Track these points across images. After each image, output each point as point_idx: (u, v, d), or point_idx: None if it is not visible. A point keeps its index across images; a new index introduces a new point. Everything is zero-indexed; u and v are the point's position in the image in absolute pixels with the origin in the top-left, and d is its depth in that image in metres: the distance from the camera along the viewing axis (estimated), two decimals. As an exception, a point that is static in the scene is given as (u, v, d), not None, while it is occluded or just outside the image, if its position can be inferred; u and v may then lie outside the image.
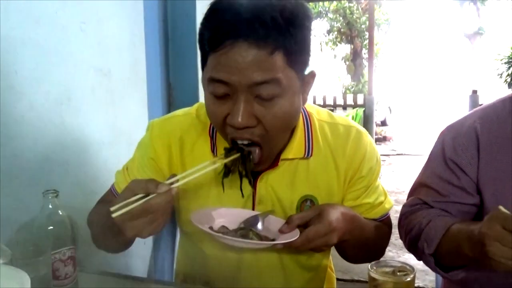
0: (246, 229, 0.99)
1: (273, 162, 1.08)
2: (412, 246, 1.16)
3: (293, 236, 0.95)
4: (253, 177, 1.08)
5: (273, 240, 0.98)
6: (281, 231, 0.99)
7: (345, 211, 1.03)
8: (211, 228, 0.98)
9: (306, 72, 0.98)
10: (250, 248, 1.01)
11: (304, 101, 1.01)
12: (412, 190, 1.25)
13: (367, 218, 1.16)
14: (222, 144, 1.05)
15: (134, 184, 0.89)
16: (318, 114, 1.16)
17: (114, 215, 0.84)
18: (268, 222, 1.04)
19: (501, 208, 0.86)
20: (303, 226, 0.99)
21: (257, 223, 1.02)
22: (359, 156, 1.12)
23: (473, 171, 1.13)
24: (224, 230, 0.99)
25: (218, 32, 0.88)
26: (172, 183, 0.88)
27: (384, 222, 1.21)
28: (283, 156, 1.06)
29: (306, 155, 1.10)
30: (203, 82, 0.97)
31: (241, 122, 0.90)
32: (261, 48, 0.86)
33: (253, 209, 1.10)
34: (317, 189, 1.11)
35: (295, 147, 1.08)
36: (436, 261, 1.10)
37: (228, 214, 1.04)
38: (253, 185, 1.09)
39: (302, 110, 1.11)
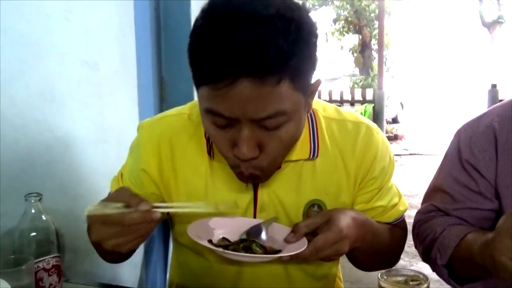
0: (249, 240, 0.98)
1: None
2: (426, 256, 1.17)
3: (301, 245, 0.95)
4: None
5: (279, 251, 0.98)
6: (287, 241, 0.98)
7: (356, 215, 1.03)
8: (210, 241, 0.97)
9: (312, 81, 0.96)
10: (254, 262, 1.01)
11: (309, 108, 0.99)
12: (426, 194, 1.26)
13: (380, 222, 1.17)
14: None
15: (118, 193, 0.92)
16: (324, 110, 1.15)
17: (86, 211, 0.86)
18: (272, 230, 1.03)
19: None
20: (311, 234, 0.98)
21: (260, 233, 1.01)
22: (371, 155, 1.11)
23: (491, 174, 1.13)
24: (225, 243, 0.99)
25: (215, 67, 0.82)
26: (158, 207, 0.89)
27: (399, 226, 1.21)
28: (286, 158, 1.04)
29: (311, 156, 1.09)
30: (198, 100, 0.93)
31: (247, 155, 0.89)
32: (266, 82, 0.82)
33: (254, 217, 1.10)
34: (325, 192, 1.11)
35: (299, 147, 1.08)
36: (451, 273, 1.10)
37: (227, 223, 1.03)
38: (254, 191, 1.10)
39: None
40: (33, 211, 1.04)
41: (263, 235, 1.01)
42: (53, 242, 1.06)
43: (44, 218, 1.06)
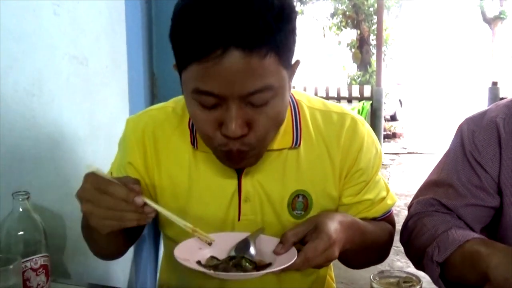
0: (238, 257, 0.99)
1: None
2: (417, 250, 1.18)
3: (291, 256, 0.96)
4: (237, 171, 1.11)
5: (269, 264, 0.99)
6: (276, 253, 0.99)
7: (342, 218, 1.05)
8: (199, 262, 0.98)
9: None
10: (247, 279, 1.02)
11: (289, 89, 1.03)
12: (423, 187, 1.27)
13: (368, 217, 1.19)
14: None
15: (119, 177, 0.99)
16: (309, 101, 1.18)
17: (88, 167, 0.94)
18: (260, 243, 1.04)
19: None
20: (299, 242, 1.00)
21: (249, 248, 1.02)
22: (356, 147, 1.14)
23: (494, 169, 1.15)
24: (214, 262, 1.00)
25: (204, 40, 0.86)
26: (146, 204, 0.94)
27: (387, 220, 1.24)
28: (269, 147, 1.08)
29: (294, 145, 1.12)
30: (181, 81, 0.97)
31: (236, 132, 0.92)
32: (254, 54, 0.86)
33: (239, 207, 1.13)
34: (311, 183, 1.13)
35: (282, 136, 1.11)
36: (441, 273, 1.11)
37: (214, 241, 1.03)
38: (238, 181, 1.12)
39: (290, 99, 1.13)
40: (20, 209, 1.05)
41: (252, 250, 1.02)
42: (41, 241, 1.07)
43: (32, 217, 1.06)
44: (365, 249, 1.14)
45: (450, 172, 1.21)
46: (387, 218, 1.24)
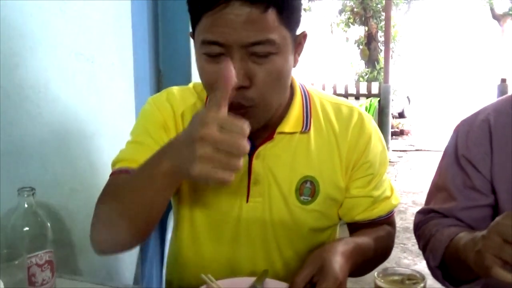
0: None
1: (269, 135, 1.13)
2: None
3: None
4: (249, 153, 1.11)
5: None
6: None
7: (344, 248, 1.06)
8: None
9: (298, 32, 1.06)
10: None
11: (296, 62, 1.08)
12: (428, 193, 1.30)
13: (372, 217, 1.21)
14: None
15: None
16: (319, 93, 1.23)
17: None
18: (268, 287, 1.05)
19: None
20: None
21: None
22: (364, 140, 1.17)
23: (486, 168, 1.16)
24: None
25: None
26: None
27: (388, 221, 1.26)
28: (279, 129, 1.13)
29: (304, 128, 1.15)
30: (195, 44, 1.04)
31: (238, 82, 0.93)
32: (255, 6, 0.93)
33: (248, 189, 1.14)
34: (319, 169, 1.16)
35: (292, 120, 1.14)
36: (445, 274, 1.12)
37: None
38: (249, 161, 1.13)
39: (300, 87, 1.19)
40: (26, 205, 1.05)
41: None
42: (46, 237, 1.08)
43: (38, 213, 1.07)
44: (368, 263, 1.16)
45: (445, 176, 1.24)
46: (390, 219, 1.26)
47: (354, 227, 1.25)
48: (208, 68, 1.00)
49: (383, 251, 1.24)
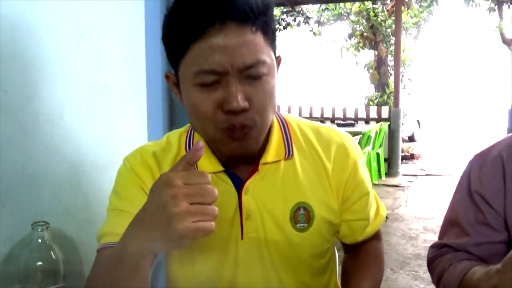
0: None
1: (254, 168, 1.12)
2: None
3: None
4: (236, 187, 1.12)
5: None
6: None
7: None
8: None
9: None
10: None
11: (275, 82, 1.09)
12: (442, 228, 1.29)
13: (367, 235, 1.25)
14: (204, 158, 1.09)
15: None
16: (296, 119, 1.24)
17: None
18: None
19: None
20: None
21: None
22: (351, 160, 1.18)
23: (499, 204, 1.15)
24: None
25: (203, 16, 0.94)
26: None
27: (376, 237, 1.30)
28: (263, 160, 1.12)
29: (287, 154, 1.14)
30: (181, 79, 1.03)
31: (240, 104, 0.96)
32: (247, 28, 0.96)
33: (241, 225, 1.12)
34: (310, 194, 1.15)
35: (274, 148, 1.14)
36: None
37: None
38: (238, 197, 1.12)
39: (276, 115, 1.18)
40: (39, 240, 1.06)
41: None
42: (59, 272, 1.08)
43: (51, 248, 1.08)
44: None
45: (458, 211, 1.23)
46: (377, 234, 1.30)
47: (347, 246, 1.29)
48: (203, 98, 0.99)
49: (381, 276, 1.27)
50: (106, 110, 1.61)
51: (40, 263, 1.06)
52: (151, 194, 0.85)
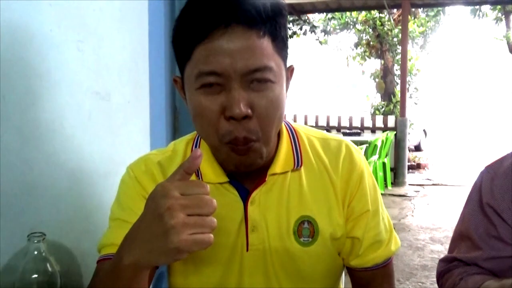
0: None
1: (260, 178, 1.09)
2: None
3: None
4: (242, 198, 1.09)
5: None
6: None
7: None
8: None
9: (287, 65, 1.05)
10: None
11: (287, 87, 1.05)
12: (452, 240, 1.25)
13: (368, 264, 1.15)
14: (206, 166, 1.07)
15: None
16: (306, 130, 1.20)
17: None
18: None
19: None
20: None
21: None
22: (355, 172, 1.14)
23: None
24: None
25: (208, 18, 0.92)
26: None
27: (386, 270, 1.18)
28: (270, 171, 1.08)
29: (296, 166, 1.11)
30: (186, 85, 1.01)
31: (242, 111, 0.93)
32: (253, 32, 0.93)
33: (246, 237, 1.09)
34: (316, 208, 1.11)
35: (282, 159, 1.11)
36: None
37: None
38: (244, 208, 1.09)
39: (286, 124, 1.16)
40: (35, 252, 1.03)
41: None
42: (55, 285, 1.05)
43: (47, 260, 1.04)
44: None
45: (469, 224, 1.20)
46: (387, 265, 1.18)
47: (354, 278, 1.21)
48: (206, 103, 0.96)
49: None
50: (107, 117, 1.59)
51: (35, 275, 1.03)
52: (147, 205, 0.81)
